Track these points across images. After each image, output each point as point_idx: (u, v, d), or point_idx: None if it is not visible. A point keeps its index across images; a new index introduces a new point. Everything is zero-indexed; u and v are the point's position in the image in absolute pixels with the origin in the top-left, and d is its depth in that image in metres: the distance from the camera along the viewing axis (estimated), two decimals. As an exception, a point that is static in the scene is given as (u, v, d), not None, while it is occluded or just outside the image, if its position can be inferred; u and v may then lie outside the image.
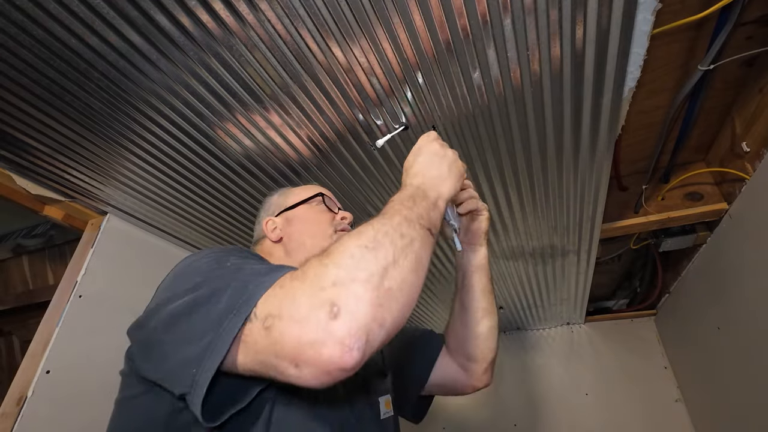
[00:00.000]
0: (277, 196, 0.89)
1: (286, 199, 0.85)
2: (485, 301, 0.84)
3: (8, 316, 2.03)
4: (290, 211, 0.83)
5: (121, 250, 1.23)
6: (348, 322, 0.39)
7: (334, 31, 0.71)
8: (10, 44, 0.69)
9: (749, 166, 1.19)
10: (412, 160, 0.68)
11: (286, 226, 0.81)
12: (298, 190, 0.87)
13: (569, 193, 1.19)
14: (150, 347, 0.53)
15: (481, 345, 0.84)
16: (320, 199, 0.84)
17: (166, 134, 0.92)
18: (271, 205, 0.87)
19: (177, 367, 0.47)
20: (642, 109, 1.20)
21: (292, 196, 0.86)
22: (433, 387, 0.89)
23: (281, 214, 0.83)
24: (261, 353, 0.43)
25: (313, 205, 0.84)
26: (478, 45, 0.74)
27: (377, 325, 0.41)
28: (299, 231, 0.80)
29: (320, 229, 0.80)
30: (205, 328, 0.46)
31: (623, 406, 2.04)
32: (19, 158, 0.95)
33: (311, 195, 0.84)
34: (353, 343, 0.39)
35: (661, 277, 1.88)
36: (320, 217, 0.82)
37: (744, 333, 1.37)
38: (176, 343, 0.49)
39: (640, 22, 0.72)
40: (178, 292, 0.53)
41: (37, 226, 1.79)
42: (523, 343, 2.40)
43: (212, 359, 0.44)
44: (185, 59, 0.75)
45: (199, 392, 0.44)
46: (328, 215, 0.83)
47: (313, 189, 0.87)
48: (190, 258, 0.61)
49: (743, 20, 0.94)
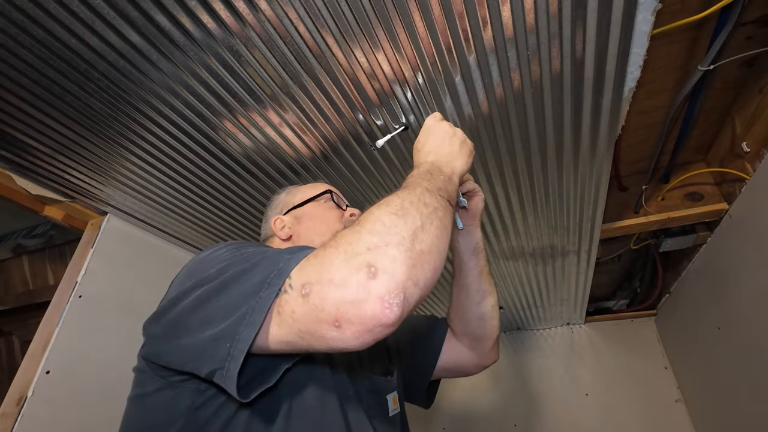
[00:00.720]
0: (285, 194, 0.88)
1: (294, 197, 0.85)
2: (485, 282, 0.85)
3: (8, 316, 2.03)
4: (299, 209, 0.83)
5: (121, 251, 1.23)
6: (387, 281, 0.41)
7: (334, 31, 0.71)
8: (11, 44, 0.69)
9: (749, 166, 1.19)
10: (423, 139, 0.70)
11: (295, 224, 0.81)
12: (306, 188, 0.87)
13: (569, 194, 1.19)
14: (174, 333, 0.52)
15: (486, 324, 0.86)
16: (328, 196, 0.85)
17: (166, 134, 0.92)
18: (279, 203, 0.87)
19: (208, 344, 0.47)
20: (642, 110, 1.20)
21: (300, 193, 0.86)
22: (442, 371, 0.90)
23: (290, 212, 0.83)
24: (299, 321, 0.44)
25: (321, 203, 0.84)
26: (478, 46, 0.74)
27: (412, 284, 0.43)
28: (308, 228, 0.80)
29: (329, 226, 0.79)
30: (237, 302, 0.47)
31: (623, 407, 2.04)
32: (19, 158, 0.95)
33: (319, 192, 0.84)
34: (393, 299, 0.41)
35: (662, 277, 1.88)
36: (329, 214, 0.82)
37: (744, 333, 1.36)
38: (206, 322, 0.49)
39: (640, 23, 0.72)
40: (202, 279, 0.53)
41: (38, 227, 1.79)
42: (524, 343, 2.40)
43: (249, 329, 0.45)
44: (185, 59, 0.75)
45: (235, 364, 0.44)
46: (337, 212, 0.83)
47: (321, 186, 0.87)
48: (205, 252, 0.60)
49: (743, 20, 0.94)
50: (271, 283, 0.46)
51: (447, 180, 0.60)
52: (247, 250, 0.56)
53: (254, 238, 1.37)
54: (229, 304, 0.48)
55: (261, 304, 0.45)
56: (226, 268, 0.52)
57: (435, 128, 0.71)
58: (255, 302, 0.46)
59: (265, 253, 0.52)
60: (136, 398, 0.59)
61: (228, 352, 0.45)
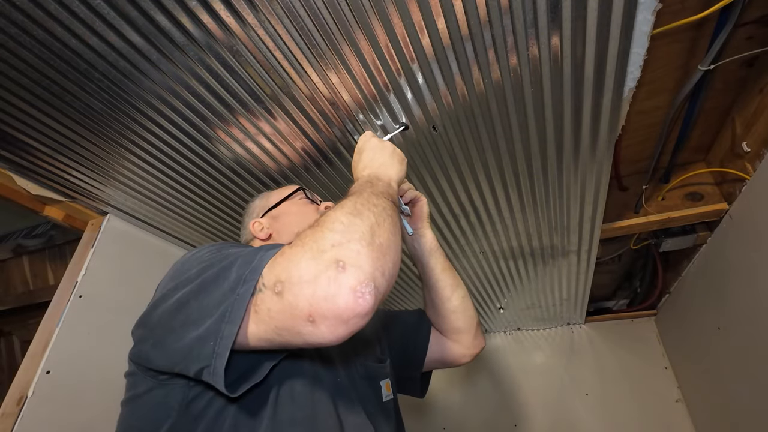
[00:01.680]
0: (259, 199, 0.91)
1: (268, 200, 0.89)
2: (449, 277, 0.89)
3: (8, 316, 2.03)
4: (274, 210, 0.86)
5: (122, 251, 1.23)
6: (356, 272, 0.44)
7: (334, 30, 0.71)
8: (11, 44, 0.69)
9: (749, 166, 1.19)
10: (357, 157, 0.76)
11: (273, 223, 0.84)
12: (279, 190, 0.91)
13: (569, 194, 1.19)
14: (160, 336, 0.54)
15: (461, 316, 0.89)
16: (301, 194, 0.89)
17: (166, 134, 0.92)
18: (254, 209, 0.90)
19: (194, 345, 0.48)
20: (642, 110, 1.20)
21: (273, 195, 0.89)
22: (433, 363, 0.94)
23: (266, 214, 0.86)
24: (275, 318, 0.45)
25: (295, 200, 0.88)
26: (478, 45, 0.74)
27: (380, 274, 0.46)
28: (287, 224, 0.83)
29: (306, 219, 0.80)
30: (217, 301, 0.48)
31: (623, 407, 2.04)
32: (19, 158, 0.95)
33: (292, 191, 0.88)
34: (364, 289, 0.43)
35: (662, 277, 1.88)
36: (304, 209, 0.86)
37: (744, 333, 1.36)
38: (189, 324, 0.50)
39: (640, 22, 0.71)
40: (182, 281, 0.55)
41: (38, 227, 1.79)
42: (524, 343, 2.40)
43: (230, 326, 0.46)
44: (185, 60, 0.75)
45: (221, 361, 0.46)
46: (312, 206, 0.87)
47: (293, 186, 0.90)
48: (187, 254, 0.63)
49: (743, 20, 0.94)
50: (246, 280, 0.48)
51: (387, 185, 0.66)
52: (228, 250, 0.57)
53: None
54: (209, 304, 0.49)
55: (239, 301, 0.47)
56: (204, 269, 0.54)
57: (366, 145, 0.76)
58: (233, 299, 0.47)
59: (240, 253, 0.54)
60: (129, 401, 0.60)
61: (213, 349, 0.46)
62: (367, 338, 0.84)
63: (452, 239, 1.44)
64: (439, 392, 2.39)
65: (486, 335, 2.48)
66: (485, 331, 2.48)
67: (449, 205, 1.25)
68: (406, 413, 0.85)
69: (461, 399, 2.35)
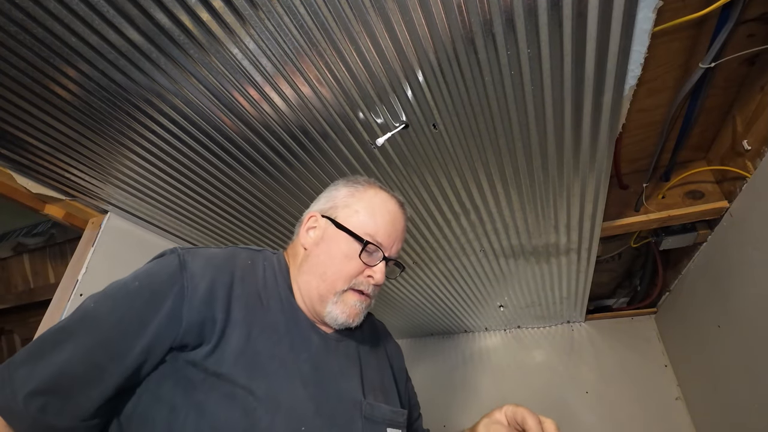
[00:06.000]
0: (345, 188, 0.76)
1: (345, 207, 0.74)
2: None
3: (9, 315, 2.03)
4: (333, 228, 0.72)
5: (122, 249, 1.23)
6: None
7: (334, 29, 0.71)
8: (10, 43, 0.69)
9: (750, 164, 1.19)
10: None
11: (317, 241, 0.72)
12: (360, 207, 0.73)
13: (570, 192, 1.19)
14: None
15: None
16: (361, 248, 0.70)
17: (166, 132, 0.92)
18: (330, 198, 0.76)
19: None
20: (642, 108, 1.19)
21: (350, 208, 0.73)
22: None
23: (327, 219, 0.73)
24: None
25: (352, 243, 0.70)
26: (478, 43, 0.74)
27: None
28: (320, 260, 0.71)
29: (337, 276, 0.69)
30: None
31: (623, 405, 2.04)
32: (19, 157, 0.95)
33: (361, 235, 0.70)
34: None
35: (662, 275, 1.88)
36: (348, 264, 0.70)
37: (744, 331, 1.36)
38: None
39: (640, 20, 0.71)
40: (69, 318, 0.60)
41: (38, 225, 1.80)
42: (524, 342, 2.41)
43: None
44: (185, 58, 0.74)
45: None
46: (358, 265, 0.70)
47: (371, 224, 0.72)
48: (108, 288, 0.64)
49: (744, 18, 0.94)
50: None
51: None
52: (88, 311, 0.60)
53: (254, 237, 1.37)
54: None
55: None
56: (63, 327, 0.58)
57: None
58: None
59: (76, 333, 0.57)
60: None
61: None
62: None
63: (452, 237, 1.44)
64: (440, 391, 2.40)
65: (486, 333, 2.49)
66: (485, 330, 2.48)
67: (449, 203, 1.25)
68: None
69: (461, 398, 2.35)
